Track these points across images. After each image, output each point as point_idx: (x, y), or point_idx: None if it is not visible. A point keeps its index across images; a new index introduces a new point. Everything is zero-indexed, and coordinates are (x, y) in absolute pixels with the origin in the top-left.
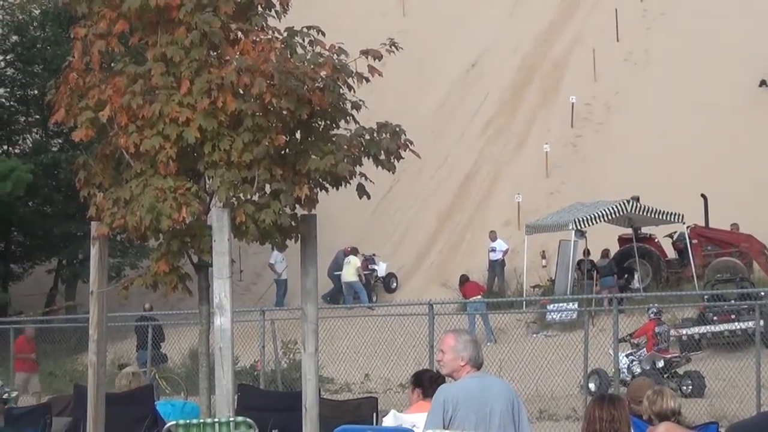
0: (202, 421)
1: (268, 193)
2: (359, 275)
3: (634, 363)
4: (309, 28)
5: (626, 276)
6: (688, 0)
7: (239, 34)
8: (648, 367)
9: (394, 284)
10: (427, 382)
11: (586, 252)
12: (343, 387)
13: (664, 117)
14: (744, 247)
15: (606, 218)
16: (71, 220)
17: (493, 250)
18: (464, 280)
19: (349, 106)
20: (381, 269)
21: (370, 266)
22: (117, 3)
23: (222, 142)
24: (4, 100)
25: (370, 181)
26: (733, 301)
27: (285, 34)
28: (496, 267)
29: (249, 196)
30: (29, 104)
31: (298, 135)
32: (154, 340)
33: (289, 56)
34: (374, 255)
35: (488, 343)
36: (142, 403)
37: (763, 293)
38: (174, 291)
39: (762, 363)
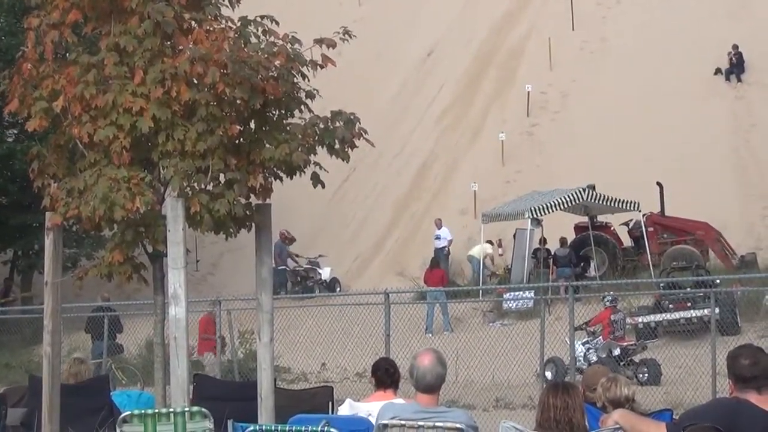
0: (157, 411)
1: (222, 182)
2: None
3: (590, 351)
4: (263, 17)
5: (582, 264)
6: None
7: (193, 23)
8: (604, 355)
9: (338, 289)
10: (380, 372)
11: (542, 240)
12: (299, 376)
13: (620, 105)
14: (700, 235)
15: (562, 207)
16: (27, 210)
17: (438, 237)
18: (434, 265)
19: (303, 95)
20: (325, 273)
21: (313, 267)
22: None
23: (176, 132)
24: None
25: (325, 170)
26: (688, 289)
27: (238, 24)
28: (440, 255)
29: (203, 186)
30: None
31: (252, 124)
32: (111, 331)
33: (242, 45)
34: (320, 256)
35: (445, 332)
36: (98, 394)
37: (718, 281)
38: (129, 281)
39: (717, 350)
